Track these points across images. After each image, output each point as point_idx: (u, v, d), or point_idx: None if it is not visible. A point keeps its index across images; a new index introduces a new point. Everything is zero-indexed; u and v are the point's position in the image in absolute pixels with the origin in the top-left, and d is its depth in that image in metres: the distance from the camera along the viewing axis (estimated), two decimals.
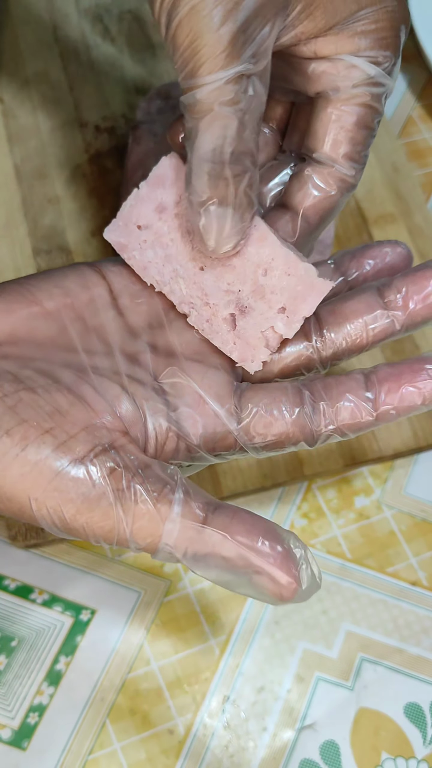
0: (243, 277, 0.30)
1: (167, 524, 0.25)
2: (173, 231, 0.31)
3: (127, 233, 0.32)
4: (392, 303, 0.30)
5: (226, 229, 0.28)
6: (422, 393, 0.28)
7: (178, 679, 0.42)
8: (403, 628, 0.44)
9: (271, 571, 0.24)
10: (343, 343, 0.30)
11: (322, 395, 0.29)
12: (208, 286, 0.31)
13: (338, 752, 0.41)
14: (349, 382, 0.29)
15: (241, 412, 0.28)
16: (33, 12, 0.58)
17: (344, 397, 0.29)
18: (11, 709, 0.41)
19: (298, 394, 0.29)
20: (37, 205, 0.51)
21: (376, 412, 0.29)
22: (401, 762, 0.42)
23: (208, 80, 0.26)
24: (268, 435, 0.29)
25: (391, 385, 0.28)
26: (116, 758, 0.40)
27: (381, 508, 0.47)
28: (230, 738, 0.41)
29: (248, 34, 0.26)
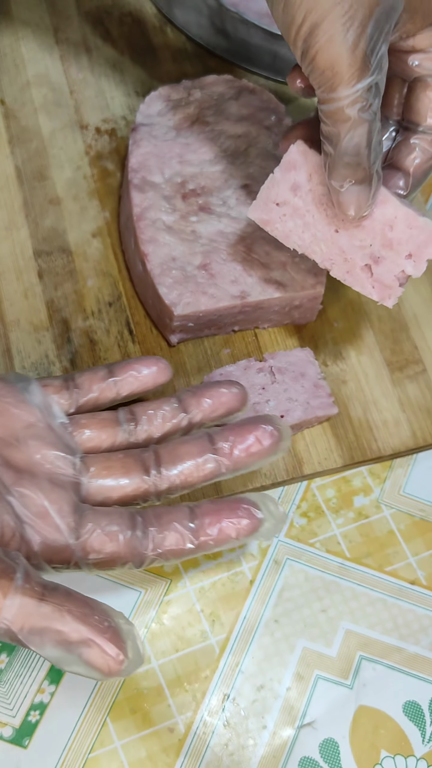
0: (373, 234, 0.37)
1: (7, 600, 0.27)
2: (309, 204, 0.38)
3: (268, 210, 0.40)
4: (220, 450, 0.35)
5: (362, 201, 0.35)
6: (237, 528, 0.33)
7: (179, 677, 0.42)
8: (402, 626, 0.44)
9: (102, 642, 0.27)
10: (177, 480, 0.35)
11: (153, 522, 0.33)
12: (345, 245, 0.38)
13: (338, 750, 0.42)
14: (177, 512, 0.33)
15: (80, 528, 0.32)
16: (34, 14, 0.59)
17: (171, 525, 0.33)
18: (12, 707, 0.41)
19: (132, 518, 0.33)
20: (38, 207, 0.52)
21: (197, 541, 0.33)
22: (400, 760, 0.42)
23: (347, 93, 0.32)
24: (102, 553, 0.32)
25: (212, 519, 0.33)
26: (117, 756, 0.41)
27: (380, 508, 0.47)
28: (230, 736, 0.42)
29: (373, 48, 0.32)
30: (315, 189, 0.38)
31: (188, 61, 0.58)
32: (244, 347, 0.49)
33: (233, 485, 0.45)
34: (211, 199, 0.48)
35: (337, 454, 0.47)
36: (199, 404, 0.37)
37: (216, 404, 0.37)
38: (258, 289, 0.46)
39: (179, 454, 0.35)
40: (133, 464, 0.35)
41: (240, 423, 0.36)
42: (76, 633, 0.27)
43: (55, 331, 0.48)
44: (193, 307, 0.45)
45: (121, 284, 0.50)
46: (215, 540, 0.33)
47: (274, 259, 0.47)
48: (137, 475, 0.35)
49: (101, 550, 0.32)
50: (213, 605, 0.44)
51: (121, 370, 0.38)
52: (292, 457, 0.46)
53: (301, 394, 0.46)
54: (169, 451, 0.35)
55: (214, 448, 0.35)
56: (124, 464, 0.35)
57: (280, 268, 0.46)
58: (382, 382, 0.49)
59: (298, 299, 0.47)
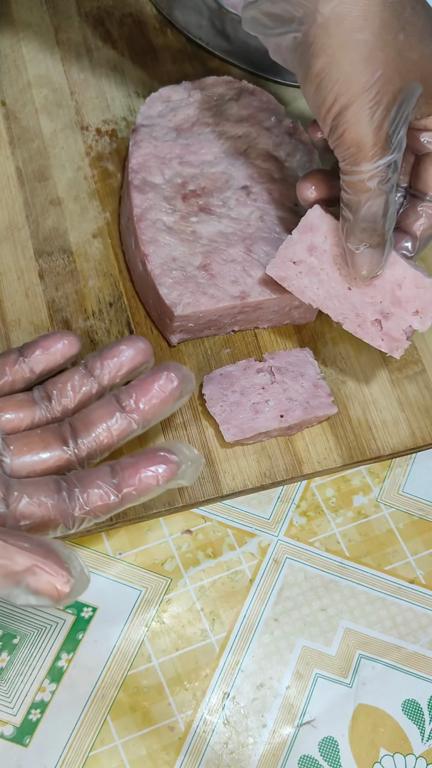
0: (383, 292, 0.41)
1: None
2: (324, 263, 0.42)
3: (285, 268, 0.43)
4: (128, 407, 0.37)
5: (375, 262, 0.39)
6: (156, 475, 0.34)
7: (179, 675, 0.43)
8: (401, 625, 0.45)
9: (45, 566, 0.29)
10: (93, 445, 0.37)
11: (76, 483, 0.34)
12: (356, 301, 0.42)
13: (337, 748, 0.42)
14: (99, 472, 0.35)
15: (8, 498, 0.33)
16: (35, 15, 0.59)
17: (95, 484, 0.34)
18: (13, 705, 0.41)
19: (57, 483, 0.34)
20: (39, 207, 0.52)
21: (120, 494, 0.34)
22: (399, 758, 0.42)
23: (369, 168, 0.36)
24: (33, 518, 0.33)
25: (131, 471, 0.34)
26: (117, 754, 0.41)
27: (379, 507, 0.47)
28: (230, 734, 0.42)
29: (394, 130, 0.35)
30: (330, 250, 0.42)
31: (188, 63, 0.58)
32: (244, 347, 0.49)
33: (233, 484, 0.45)
34: (212, 200, 0.48)
35: (336, 453, 0.47)
36: (103, 366, 0.38)
37: (119, 362, 0.38)
38: (258, 290, 0.46)
39: (91, 420, 0.37)
40: (51, 437, 0.36)
41: (142, 377, 0.37)
42: (20, 563, 0.29)
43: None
44: (193, 308, 0.45)
45: (121, 284, 0.50)
46: (138, 490, 0.34)
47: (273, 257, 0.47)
48: (57, 447, 0.36)
49: (32, 516, 0.33)
50: (213, 604, 0.44)
51: (30, 350, 0.39)
52: (292, 456, 0.46)
53: (300, 393, 0.46)
54: (82, 420, 0.37)
55: (122, 407, 0.37)
56: (43, 439, 0.36)
57: None
58: (382, 382, 0.49)
59: (297, 299, 0.47)
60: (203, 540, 0.46)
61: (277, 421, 0.45)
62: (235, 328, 0.49)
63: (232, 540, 0.46)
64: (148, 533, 0.46)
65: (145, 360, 0.39)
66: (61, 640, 0.43)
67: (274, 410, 0.45)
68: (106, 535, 0.45)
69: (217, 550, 0.45)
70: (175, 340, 0.48)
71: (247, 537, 0.46)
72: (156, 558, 0.45)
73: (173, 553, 0.45)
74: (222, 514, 0.46)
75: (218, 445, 0.46)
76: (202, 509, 0.46)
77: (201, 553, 0.45)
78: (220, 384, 0.46)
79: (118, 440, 0.37)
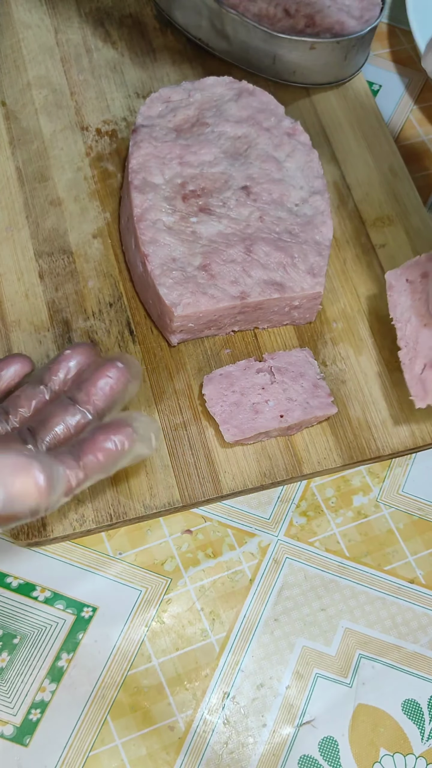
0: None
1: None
2: (424, 293, 0.46)
3: (399, 281, 0.47)
4: (81, 400, 0.38)
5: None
6: (114, 442, 0.35)
7: (179, 675, 0.43)
8: (401, 625, 0.45)
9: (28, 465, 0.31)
10: (54, 441, 0.37)
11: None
12: (423, 338, 0.44)
13: (337, 748, 0.42)
14: (58, 451, 0.36)
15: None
16: (35, 16, 0.59)
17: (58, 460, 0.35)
18: (13, 705, 0.41)
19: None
20: (39, 208, 0.52)
21: (83, 465, 0.35)
22: (399, 758, 0.42)
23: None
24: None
25: (89, 444, 0.35)
26: (117, 754, 0.41)
27: (379, 507, 0.47)
28: (230, 734, 0.42)
29: None
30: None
31: (188, 63, 0.58)
32: (244, 347, 0.49)
33: (233, 484, 0.45)
34: (211, 200, 0.48)
35: (336, 453, 0.47)
36: (52, 374, 0.40)
37: (66, 368, 0.40)
38: (258, 290, 0.46)
39: (48, 419, 0.38)
40: (12, 440, 0.37)
41: (90, 371, 0.39)
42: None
43: (56, 331, 0.48)
44: (193, 308, 0.45)
45: (121, 285, 0.50)
46: (101, 458, 0.35)
47: (273, 259, 0.47)
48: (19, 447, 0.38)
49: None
50: (213, 604, 0.44)
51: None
52: (292, 456, 0.46)
53: (300, 394, 0.46)
54: (39, 421, 0.38)
55: (75, 401, 0.38)
56: (3, 441, 0.37)
57: (280, 268, 0.47)
58: (381, 382, 0.49)
59: (297, 299, 0.47)
60: (203, 540, 0.46)
61: (276, 421, 0.45)
62: (235, 329, 0.49)
63: (232, 540, 0.46)
64: (148, 533, 0.46)
65: (89, 361, 0.40)
66: (61, 640, 0.43)
67: (274, 410, 0.45)
68: (106, 535, 0.45)
69: (217, 550, 0.45)
70: (175, 340, 0.48)
71: (247, 537, 0.46)
72: (156, 558, 0.45)
73: (173, 553, 0.45)
74: (222, 514, 0.46)
75: (218, 445, 0.46)
76: (202, 509, 0.46)
77: (201, 553, 0.45)
78: (220, 384, 0.46)
79: (76, 432, 0.38)
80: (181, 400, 0.47)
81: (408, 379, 0.44)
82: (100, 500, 0.44)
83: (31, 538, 0.43)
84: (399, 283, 0.46)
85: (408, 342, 0.45)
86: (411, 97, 0.63)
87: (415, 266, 0.46)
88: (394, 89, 0.63)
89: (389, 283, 0.47)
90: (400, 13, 0.67)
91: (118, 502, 0.44)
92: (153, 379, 0.48)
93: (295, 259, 0.47)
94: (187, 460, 0.46)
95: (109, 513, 0.44)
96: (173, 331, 0.47)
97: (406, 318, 0.45)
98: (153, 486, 0.45)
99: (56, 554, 0.45)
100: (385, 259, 0.53)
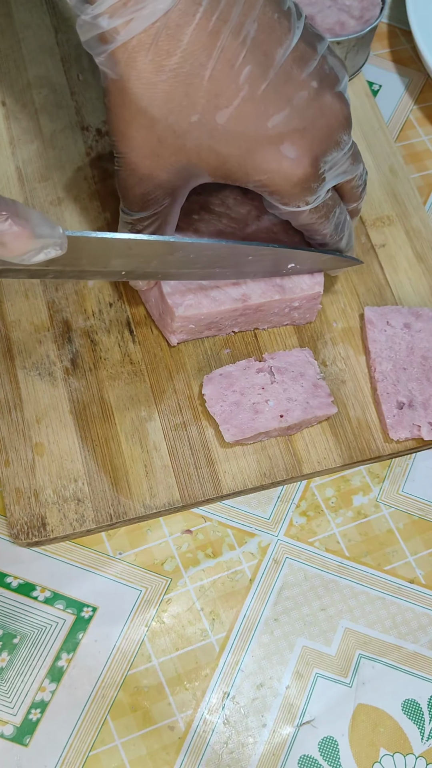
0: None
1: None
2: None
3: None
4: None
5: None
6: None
7: (179, 675, 0.43)
8: (401, 625, 0.45)
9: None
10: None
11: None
12: (403, 378, 0.47)
13: (337, 748, 0.42)
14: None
15: None
16: (35, 15, 0.59)
17: None
18: (13, 705, 0.41)
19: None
20: (39, 208, 0.52)
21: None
22: (399, 758, 0.42)
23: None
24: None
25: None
26: (117, 754, 0.41)
27: (379, 507, 0.47)
28: (230, 734, 0.42)
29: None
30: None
31: None
32: (244, 347, 0.49)
33: (233, 484, 0.45)
34: (211, 198, 0.48)
35: (336, 453, 0.47)
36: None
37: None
38: (258, 292, 0.46)
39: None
40: None
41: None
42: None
43: (56, 331, 0.48)
44: (195, 309, 0.45)
45: (121, 285, 0.50)
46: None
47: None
48: None
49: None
50: (213, 604, 0.44)
51: None
52: (292, 456, 0.46)
53: (300, 393, 0.46)
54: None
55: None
56: None
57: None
58: None
59: (297, 300, 0.47)
60: (203, 540, 0.46)
61: (276, 421, 0.45)
62: (236, 329, 0.49)
63: (232, 540, 0.46)
64: (148, 533, 0.46)
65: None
66: (61, 640, 0.43)
67: (274, 410, 0.45)
68: (106, 535, 0.45)
69: (217, 550, 0.45)
70: (174, 340, 0.48)
71: (247, 537, 0.46)
72: (156, 558, 0.45)
73: (173, 553, 0.45)
74: (222, 514, 0.46)
75: (218, 445, 0.46)
76: (202, 509, 0.46)
77: (201, 553, 0.45)
78: (220, 384, 0.46)
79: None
80: (181, 400, 0.47)
81: (385, 410, 0.46)
82: (100, 500, 0.44)
83: (31, 538, 0.43)
84: (380, 322, 0.49)
85: (386, 377, 0.47)
86: (411, 97, 0.63)
87: (398, 314, 0.49)
88: (394, 89, 0.63)
89: (369, 318, 0.49)
90: (400, 13, 0.67)
91: (118, 502, 0.44)
92: (153, 379, 0.48)
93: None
94: (187, 460, 0.46)
95: (109, 513, 0.44)
96: (173, 331, 0.47)
97: (386, 356, 0.48)
98: (153, 486, 0.45)
99: (56, 554, 0.45)
100: (385, 259, 0.53)
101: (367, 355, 0.49)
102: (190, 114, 0.36)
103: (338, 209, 0.43)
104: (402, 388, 0.47)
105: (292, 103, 0.37)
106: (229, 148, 0.38)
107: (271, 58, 0.36)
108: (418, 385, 0.47)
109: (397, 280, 0.52)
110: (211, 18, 0.34)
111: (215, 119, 0.37)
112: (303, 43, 0.37)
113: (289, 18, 0.36)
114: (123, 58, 0.35)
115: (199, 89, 0.36)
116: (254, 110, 0.36)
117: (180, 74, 0.35)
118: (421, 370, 0.48)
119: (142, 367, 0.48)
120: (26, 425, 0.46)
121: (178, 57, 0.35)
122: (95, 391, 0.47)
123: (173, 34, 0.34)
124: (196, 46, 0.35)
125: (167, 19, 0.34)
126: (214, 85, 0.36)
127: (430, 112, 0.62)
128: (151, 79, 0.35)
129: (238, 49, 0.35)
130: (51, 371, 0.47)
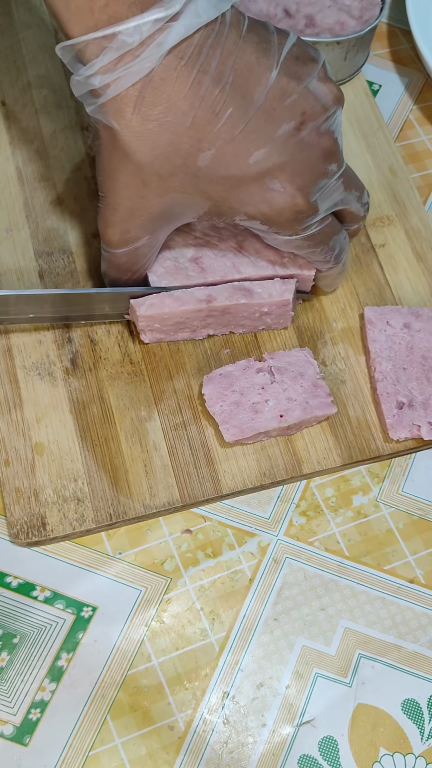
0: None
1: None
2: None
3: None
4: None
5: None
6: None
7: (179, 675, 0.43)
8: (401, 625, 0.45)
9: None
10: None
11: None
12: (403, 378, 0.47)
13: (337, 748, 0.42)
14: None
15: None
16: (35, 16, 0.59)
17: None
18: (13, 705, 0.42)
19: None
20: (39, 208, 0.52)
21: None
22: (399, 758, 0.42)
23: None
24: None
25: None
26: (117, 754, 0.41)
27: (379, 507, 0.47)
28: (230, 734, 0.42)
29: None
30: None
31: None
32: (244, 347, 0.49)
33: (233, 484, 0.45)
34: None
35: (336, 453, 0.47)
36: None
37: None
38: (225, 294, 0.46)
39: None
40: None
41: None
42: None
43: (56, 331, 0.48)
44: (158, 309, 0.45)
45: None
46: None
47: (264, 257, 0.47)
48: None
49: None
50: (213, 604, 0.44)
51: None
52: (291, 456, 0.46)
53: (300, 393, 0.46)
54: None
55: None
56: None
57: (269, 267, 0.47)
58: None
59: (266, 306, 0.47)
60: (203, 540, 0.46)
61: (276, 421, 0.45)
62: (210, 332, 0.49)
63: (232, 540, 0.46)
64: (148, 533, 0.46)
65: None
66: (61, 640, 0.43)
67: (274, 410, 0.45)
68: (106, 535, 0.45)
69: (216, 550, 0.45)
70: (145, 339, 0.47)
71: (246, 537, 0.46)
72: (156, 558, 0.45)
73: (173, 552, 0.45)
74: (222, 514, 0.46)
75: (218, 445, 0.46)
76: (202, 509, 0.46)
77: (201, 553, 0.45)
78: (219, 384, 0.46)
79: None
80: (180, 400, 0.47)
81: (385, 410, 0.46)
82: (99, 500, 0.44)
83: (31, 537, 0.43)
84: (380, 322, 0.49)
85: (386, 377, 0.47)
86: (411, 97, 0.63)
87: (397, 314, 0.49)
88: (394, 89, 0.63)
89: (368, 318, 0.49)
90: (400, 13, 0.67)
91: (118, 501, 0.44)
92: (153, 378, 0.48)
93: (284, 260, 0.47)
94: (186, 459, 0.46)
95: (109, 512, 0.44)
96: (142, 330, 0.47)
97: (386, 356, 0.48)
98: (153, 486, 0.45)
99: (56, 554, 0.45)
100: (385, 259, 0.53)
101: (367, 355, 0.49)
102: (174, 159, 0.38)
103: (340, 235, 0.45)
104: (402, 388, 0.47)
105: (272, 139, 0.38)
106: (213, 186, 0.39)
107: (249, 100, 0.37)
108: (417, 384, 0.47)
109: (396, 280, 0.52)
110: (193, 71, 0.36)
111: (197, 162, 0.38)
112: (285, 77, 0.38)
113: (269, 55, 0.38)
114: (112, 109, 0.37)
115: (183, 136, 0.37)
116: (234, 151, 0.38)
117: (165, 123, 0.37)
118: (421, 370, 0.48)
119: (141, 367, 0.48)
120: (26, 425, 0.46)
121: (162, 107, 0.36)
122: (95, 391, 0.47)
123: (158, 86, 0.36)
124: (178, 96, 0.36)
125: (152, 74, 0.36)
126: (196, 131, 0.37)
127: (430, 112, 0.62)
128: (137, 128, 0.37)
129: (218, 97, 0.37)
130: (51, 371, 0.47)
